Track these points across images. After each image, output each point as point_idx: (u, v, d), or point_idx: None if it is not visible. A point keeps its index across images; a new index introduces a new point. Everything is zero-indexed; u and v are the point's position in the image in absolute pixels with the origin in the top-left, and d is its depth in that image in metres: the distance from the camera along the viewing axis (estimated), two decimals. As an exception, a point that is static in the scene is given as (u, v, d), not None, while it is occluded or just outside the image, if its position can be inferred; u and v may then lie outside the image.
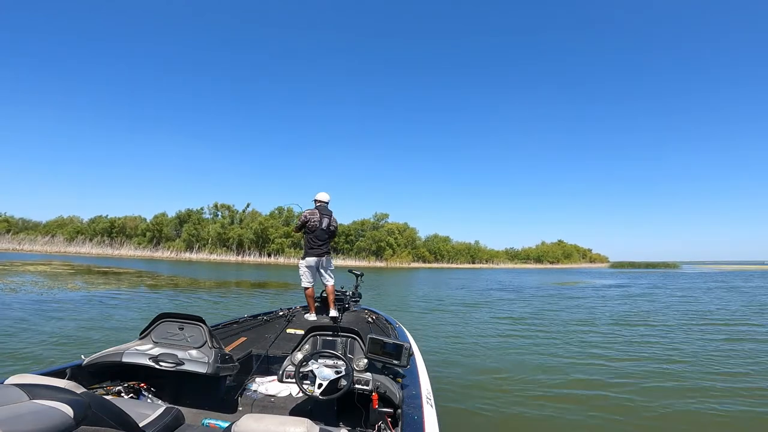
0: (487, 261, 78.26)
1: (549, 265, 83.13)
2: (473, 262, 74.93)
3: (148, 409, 2.18)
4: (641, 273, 55.25)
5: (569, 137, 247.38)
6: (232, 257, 57.05)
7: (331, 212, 5.52)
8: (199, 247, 58.36)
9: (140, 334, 2.92)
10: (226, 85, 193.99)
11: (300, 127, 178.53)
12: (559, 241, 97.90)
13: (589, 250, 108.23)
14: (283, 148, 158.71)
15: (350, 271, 5.73)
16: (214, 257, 56.23)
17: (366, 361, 2.70)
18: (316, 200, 5.56)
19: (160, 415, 2.15)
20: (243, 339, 3.93)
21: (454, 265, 68.55)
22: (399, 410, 2.45)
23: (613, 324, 10.43)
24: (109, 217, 64.34)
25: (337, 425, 2.56)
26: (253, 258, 57.14)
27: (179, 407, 2.38)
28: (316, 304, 5.39)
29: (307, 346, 2.88)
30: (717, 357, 6.97)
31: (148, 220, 63.40)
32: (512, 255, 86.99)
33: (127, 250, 57.44)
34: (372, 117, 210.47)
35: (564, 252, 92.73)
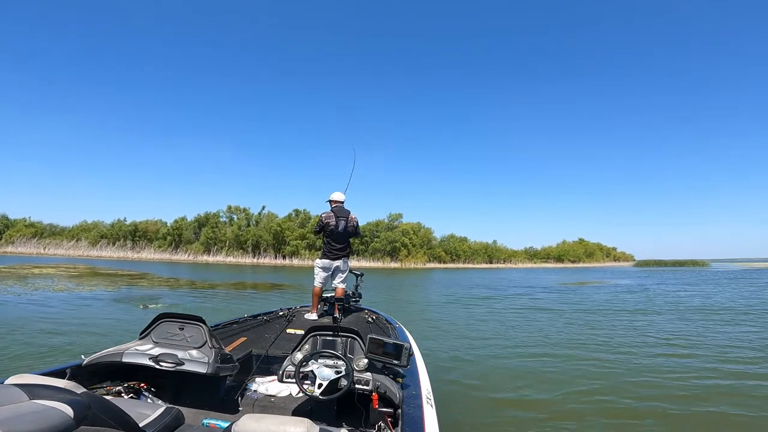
0: (505, 261, 77.18)
1: (570, 265, 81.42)
2: (491, 262, 74.08)
3: (148, 409, 2.19)
4: (658, 271, 54.01)
5: (591, 134, 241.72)
6: (247, 259, 57.83)
7: (348, 212, 5.38)
8: (216, 249, 59.38)
9: (140, 334, 2.94)
10: (234, 87, 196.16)
11: (308, 128, 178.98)
12: (580, 239, 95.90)
13: (614, 249, 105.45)
14: (294, 150, 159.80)
15: (350, 271, 5.73)
16: (230, 259, 57.13)
17: (366, 361, 2.68)
18: (331, 201, 5.45)
19: (160, 415, 2.17)
20: (243, 339, 3.94)
21: (470, 265, 67.88)
22: (399, 410, 2.43)
23: (614, 325, 10.25)
24: (128, 221, 66.05)
25: (337, 425, 2.55)
26: (268, 260, 57.78)
27: (179, 407, 2.40)
28: (319, 305, 5.35)
29: (307, 346, 2.87)
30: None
31: (168, 224, 64.89)
32: (531, 254, 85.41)
33: (147, 254, 58.82)
34: (382, 117, 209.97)
35: (586, 251, 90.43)
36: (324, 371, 2.54)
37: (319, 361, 2.63)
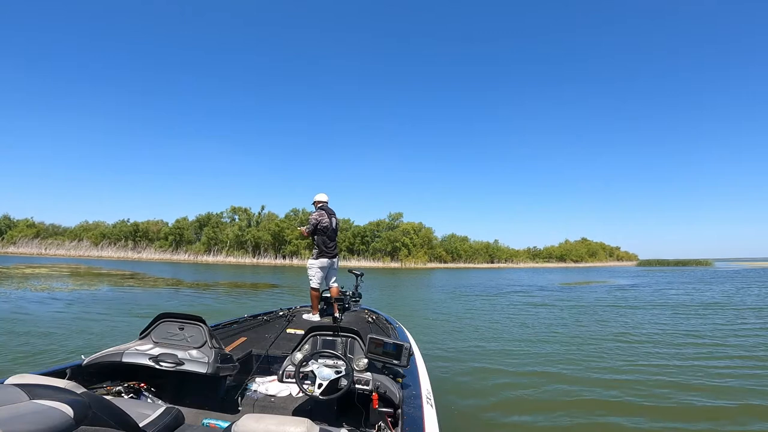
0: (506, 260, 77.04)
1: (572, 264, 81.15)
2: (492, 262, 73.98)
3: (148, 409, 2.19)
4: (662, 271, 53.98)
5: (595, 133, 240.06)
6: (247, 259, 57.97)
7: (333, 211, 5.60)
8: (217, 249, 59.49)
9: (140, 334, 2.94)
10: (234, 87, 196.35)
11: (308, 128, 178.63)
12: (583, 239, 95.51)
13: (617, 248, 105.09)
14: (295, 150, 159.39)
15: (350, 271, 5.76)
16: (230, 259, 57.29)
17: (366, 361, 2.68)
18: (317, 202, 5.59)
19: (160, 415, 2.16)
20: (243, 339, 3.95)
21: (471, 265, 67.80)
22: (399, 410, 2.43)
23: (618, 323, 10.25)
24: (131, 221, 66.20)
25: (337, 425, 2.55)
26: (268, 260, 57.85)
27: (179, 407, 2.39)
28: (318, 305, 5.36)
29: (307, 346, 2.87)
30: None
31: (170, 224, 65.00)
32: (534, 254, 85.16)
33: (148, 254, 58.96)
34: (385, 117, 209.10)
35: (589, 250, 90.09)
36: (324, 371, 2.54)
37: (319, 361, 2.62)
